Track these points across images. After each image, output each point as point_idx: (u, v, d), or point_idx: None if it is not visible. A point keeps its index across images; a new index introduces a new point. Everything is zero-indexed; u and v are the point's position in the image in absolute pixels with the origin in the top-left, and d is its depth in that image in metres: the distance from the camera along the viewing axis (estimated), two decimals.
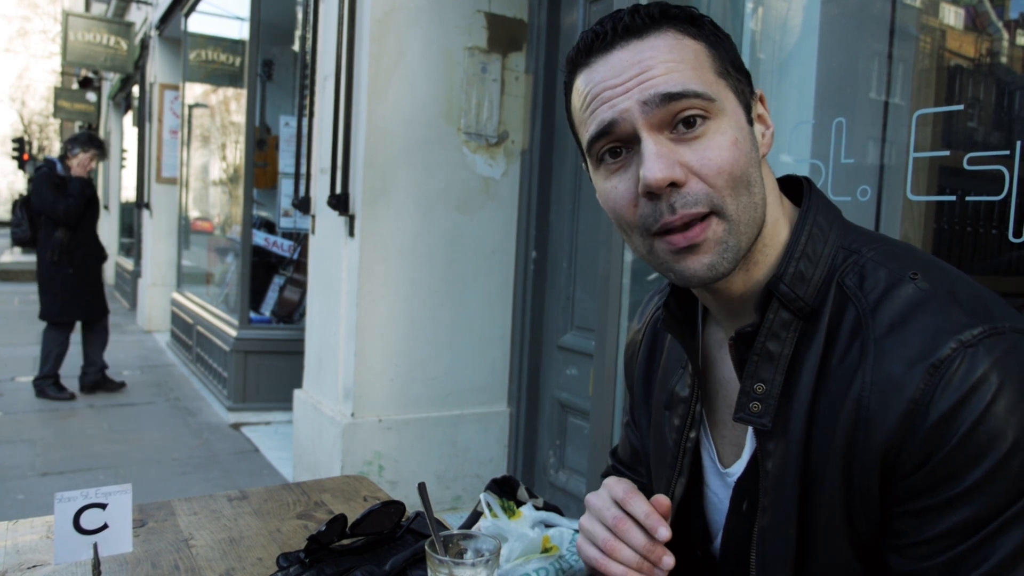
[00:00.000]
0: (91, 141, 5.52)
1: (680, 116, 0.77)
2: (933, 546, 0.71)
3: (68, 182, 5.36)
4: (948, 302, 0.74)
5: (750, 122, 0.81)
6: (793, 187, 0.90)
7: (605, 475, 1.16)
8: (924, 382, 0.70)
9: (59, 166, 5.41)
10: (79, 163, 5.40)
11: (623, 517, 0.85)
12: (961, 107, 1.80)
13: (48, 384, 5.59)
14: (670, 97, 0.76)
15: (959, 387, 0.69)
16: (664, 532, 0.81)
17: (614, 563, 0.84)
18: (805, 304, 0.80)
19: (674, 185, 0.76)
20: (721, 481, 0.92)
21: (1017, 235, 1.61)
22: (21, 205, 5.54)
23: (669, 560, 0.82)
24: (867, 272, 0.79)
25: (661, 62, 0.77)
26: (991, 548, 0.69)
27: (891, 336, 0.74)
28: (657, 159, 0.76)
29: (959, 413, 0.69)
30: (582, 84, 0.82)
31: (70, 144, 5.47)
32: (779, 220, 0.85)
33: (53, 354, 5.59)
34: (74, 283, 5.45)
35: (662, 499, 0.85)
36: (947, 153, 1.78)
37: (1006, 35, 1.79)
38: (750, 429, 0.86)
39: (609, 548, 0.84)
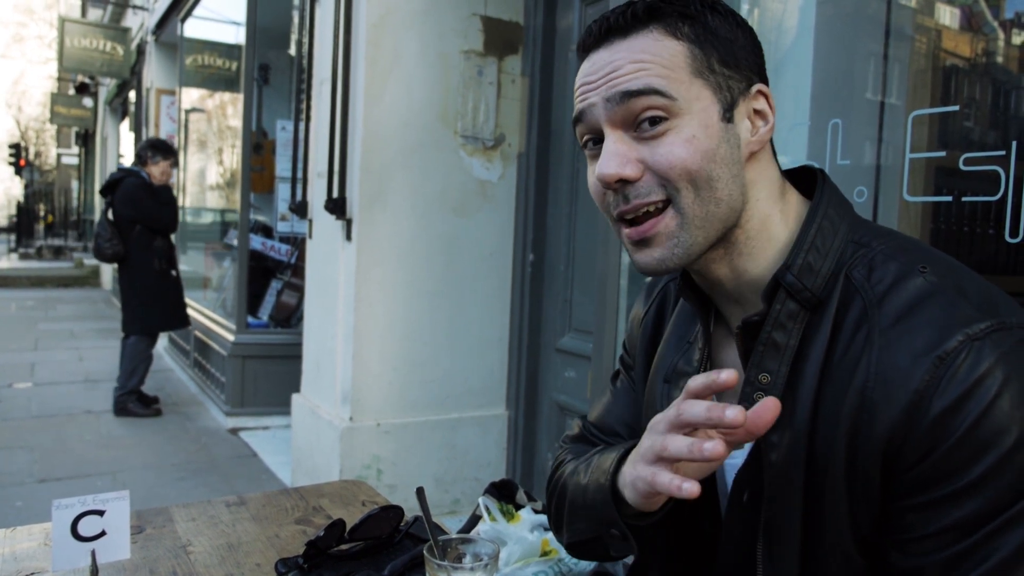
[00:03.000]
0: (170, 149, 5.30)
1: (643, 116, 0.79)
2: (934, 542, 0.71)
3: (158, 191, 5.18)
4: (956, 296, 0.74)
5: (728, 119, 0.81)
6: (806, 179, 0.91)
7: (576, 439, 1.12)
8: (929, 374, 0.70)
9: (144, 174, 5.16)
10: (162, 171, 5.18)
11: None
12: (957, 108, 1.80)
13: (132, 399, 5.33)
14: (629, 95, 0.79)
15: (964, 380, 0.69)
16: (731, 413, 0.68)
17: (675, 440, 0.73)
18: (812, 295, 0.80)
19: (626, 181, 0.80)
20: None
21: (1013, 235, 1.61)
22: (104, 220, 5.15)
23: (732, 412, 0.68)
24: (876, 265, 0.79)
25: (631, 62, 0.80)
26: (993, 547, 0.68)
27: (897, 327, 0.74)
28: (611, 156, 0.81)
29: (963, 406, 0.69)
30: (579, 73, 0.87)
31: (150, 151, 5.19)
32: (774, 214, 0.85)
33: (140, 369, 5.34)
34: (181, 287, 5.37)
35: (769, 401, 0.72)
36: (943, 154, 1.79)
37: (1002, 35, 1.79)
38: None
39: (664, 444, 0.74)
